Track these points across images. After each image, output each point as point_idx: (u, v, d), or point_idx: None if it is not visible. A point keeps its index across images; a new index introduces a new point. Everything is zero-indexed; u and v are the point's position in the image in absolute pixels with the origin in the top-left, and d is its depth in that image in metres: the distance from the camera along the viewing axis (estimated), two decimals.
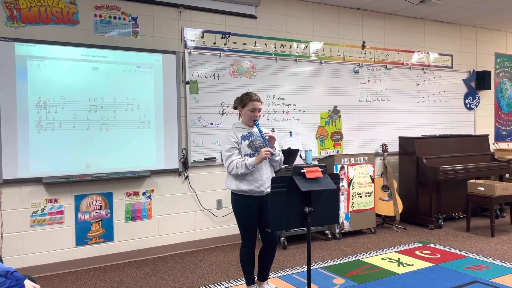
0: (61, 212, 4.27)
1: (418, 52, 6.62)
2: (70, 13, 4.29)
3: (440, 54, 6.84)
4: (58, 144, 4.19)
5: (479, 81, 7.14)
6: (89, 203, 4.40)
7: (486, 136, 6.62)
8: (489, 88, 7.20)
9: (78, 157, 4.28)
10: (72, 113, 4.26)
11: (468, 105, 7.13)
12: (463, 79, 7.07)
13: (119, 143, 4.48)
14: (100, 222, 4.45)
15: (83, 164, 4.31)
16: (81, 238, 4.36)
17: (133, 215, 4.61)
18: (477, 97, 7.19)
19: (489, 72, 7.16)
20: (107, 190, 4.48)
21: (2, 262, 2.73)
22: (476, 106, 7.21)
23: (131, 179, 4.58)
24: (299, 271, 4.09)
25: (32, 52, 4.08)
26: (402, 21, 6.45)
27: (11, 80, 3.99)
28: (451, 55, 6.98)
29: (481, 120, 7.34)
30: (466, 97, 7.10)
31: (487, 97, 7.40)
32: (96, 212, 4.43)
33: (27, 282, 2.29)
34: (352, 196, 5.34)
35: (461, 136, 6.40)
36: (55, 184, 4.20)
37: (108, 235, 4.48)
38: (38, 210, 4.16)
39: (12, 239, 4.05)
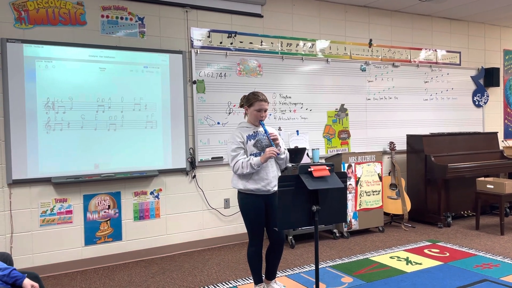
0: (70, 212, 4.30)
1: (426, 49, 6.57)
2: (77, 14, 4.31)
3: (448, 51, 6.79)
4: (66, 144, 4.22)
5: (488, 78, 7.08)
6: (98, 202, 4.43)
7: (495, 133, 6.56)
8: (498, 85, 7.13)
9: (86, 157, 4.31)
10: (80, 113, 4.29)
11: (477, 102, 7.07)
12: (471, 76, 7.01)
13: (127, 143, 4.50)
14: (108, 221, 4.48)
15: (91, 164, 4.34)
16: (90, 238, 4.39)
17: (141, 214, 4.64)
18: (485, 94, 7.13)
19: (497, 69, 7.10)
20: (115, 189, 4.51)
21: (12, 261, 2.77)
22: (485, 103, 7.15)
23: (139, 178, 4.60)
24: (307, 270, 4.09)
25: (40, 53, 4.11)
26: (409, 18, 6.41)
27: (20, 81, 4.03)
28: (459, 52, 6.92)
29: (490, 118, 7.27)
30: (474, 94, 7.04)
31: (495, 94, 7.34)
32: (105, 212, 4.46)
33: (26, 281, 2.32)
34: (360, 194, 5.33)
35: (470, 133, 6.35)
36: (63, 184, 4.23)
37: (116, 235, 4.51)
38: (47, 210, 4.20)
39: (21, 239, 4.09)
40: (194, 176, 4.90)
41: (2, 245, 3.99)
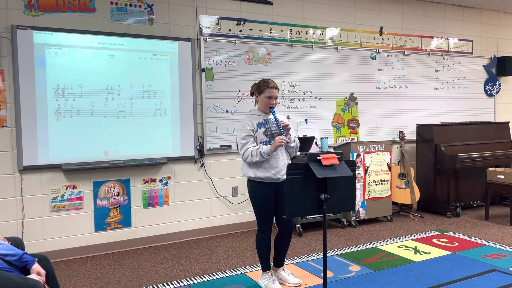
0: (80, 198, 4.35)
1: (437, 37, 6.47)
2: (86, 1, 4.30)
3: (460, 40, 6.69)
4: (76, 131, 4.25)
5: (500, 67, 6.97)
6: (107, 189, 4.46)
7: (507, 123, 6.48)
8: (511, 74, 7.01)
9: (96, 144, 4.34)
10: (90, 100, 4.30)
11: (489, 92, 6.98)
12: (483, 65, 6.91)
13: (136, 130, 4.52)
14: (118, 208, 4.52)
15: (101, 151, 4.36)
16: (100, 224, 4.44)
17: (150, 201, 4.67)
18: (497, 84, 7.03)
19: (510, 58, 6.97)
20: (124, 176, 4.54)
21: (23, 246, 2.81)
22: (497, 92, 7.05)
23: (148, 166, 4.63)
24: (314, 258, 4.10)
25: (50, 40, 4.12)
26: (420, 6, 6.31)
27: (30, 68, 4.05)
28: (472, 41, 6.81)
29: (502, 107, 7.18)
30: (486, 83, 6.95)
31: (508, 84, 7.22)
32: (114, 199, 4.50)
33: (34, 266, 2.40)
34: (369, 184, 5.31)
35: (481, 123, 6.27)
36: (74, 171, 4.27)
37: (126, 221, 4.56)
38: (58, 196, 4.24)
39: (33, 224, 4.15)
40: (203, 164, 4.91)
41: (13, 230, 4.05)
